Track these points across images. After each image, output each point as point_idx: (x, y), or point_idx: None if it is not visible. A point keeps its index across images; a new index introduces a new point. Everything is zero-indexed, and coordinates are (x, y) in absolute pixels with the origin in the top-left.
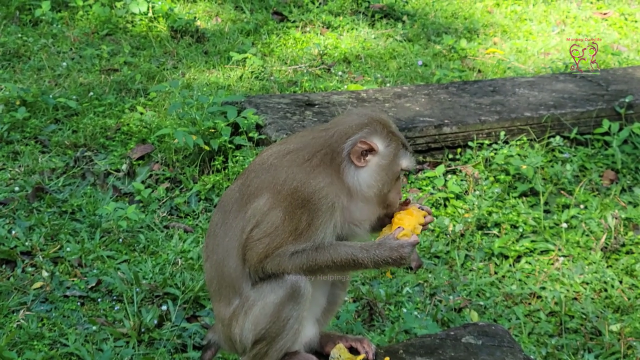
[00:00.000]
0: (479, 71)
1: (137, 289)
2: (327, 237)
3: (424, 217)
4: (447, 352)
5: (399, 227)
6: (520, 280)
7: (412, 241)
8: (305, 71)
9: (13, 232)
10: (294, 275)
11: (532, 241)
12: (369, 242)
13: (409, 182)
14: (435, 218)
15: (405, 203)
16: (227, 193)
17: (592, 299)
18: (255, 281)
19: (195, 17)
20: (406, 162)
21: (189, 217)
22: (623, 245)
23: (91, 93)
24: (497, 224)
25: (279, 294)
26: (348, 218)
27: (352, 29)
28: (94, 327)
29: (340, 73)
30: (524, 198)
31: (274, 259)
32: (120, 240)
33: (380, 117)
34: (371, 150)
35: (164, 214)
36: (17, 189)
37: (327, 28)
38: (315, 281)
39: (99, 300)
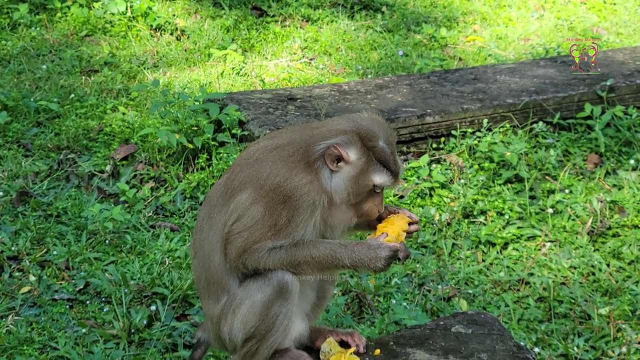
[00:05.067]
0: (460, 59)
1: (126, 290)
2: (307, 234)
3: (409, 224)
4: (437, 342)
5: (383, 233)
6: (508, 267)
7: (391, 245)
8: (286, 65)
9: None
10: (281, 272)
11: (519, 227)
12: (348, 241)
13: None
14: (420, 226)
15: (390, 212)
16: (214, 187)
17: (580, 283)
18: (241, 278)
19: (174, 15)
20: (379, 179)
21: (174, 215)
22: (609, 228)
23: (72, 95)
24: (483, 212)
25: (267, 292)
26: (326, 219)
27: (331, 22)
28: (84, 330)
29: (321, 66)
30: (509, 185)
31: (252, 254)
32: (107, 241)
33: (366, 127)
34: (343, 158)
35: (150, 214)
36: (1, 193)
37: (307, 21)
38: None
39: (88, 302)
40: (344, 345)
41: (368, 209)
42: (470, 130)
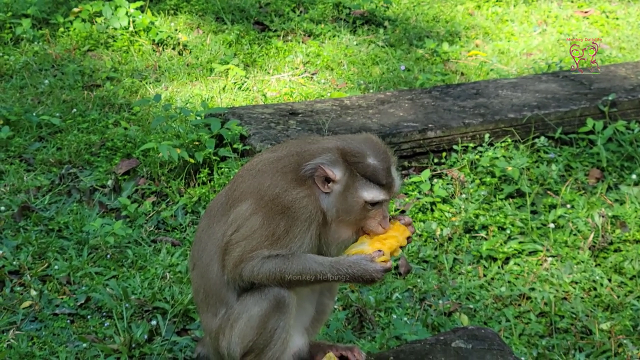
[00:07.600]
0: (462, 74)
1: (127, 305)
2: (304, 247)
3: (404, 232)
4: (437, 358)
5: (379, 251)
6: (509, 282)
7: (387, 267)
8: (288, 80)
9: (0, 251)
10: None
11: (520, 242)
12: (341, 259)
13: None
14: (414, 230)
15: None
16: (215, 198)
17: (582, 298)
18: (239, 291)
19: (176, 30)
20: (368, 194)
21: (176, 230)
22: (611, 243)
23: (74, 109)
24: (484, 227)
25: (263, 305)
26: (322, 236)
27: (333, 36)
28: (85, 345)
29: (323, 81)
30: (511, 199)
31: (247, 263)
32: (108, 256)
33: (351, 144)
34: (331, 178)
35: (151, 229)
36: (2, 208)
37: (309, 36)
38: (299, 291)
39: (89, 317)
40: None
41: (369, 227)
42: (471, 145)
